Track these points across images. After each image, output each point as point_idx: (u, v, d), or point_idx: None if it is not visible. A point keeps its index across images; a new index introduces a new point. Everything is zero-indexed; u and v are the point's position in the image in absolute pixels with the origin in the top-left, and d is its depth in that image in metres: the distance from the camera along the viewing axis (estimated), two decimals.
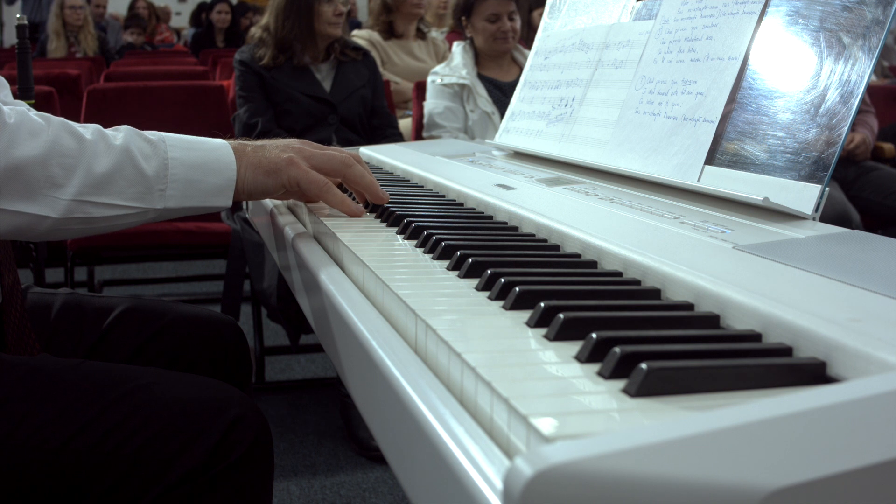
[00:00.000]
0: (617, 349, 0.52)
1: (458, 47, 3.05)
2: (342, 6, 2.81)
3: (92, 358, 1.16)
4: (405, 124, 3.32)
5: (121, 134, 0.91)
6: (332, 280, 0.79)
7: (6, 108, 0.86)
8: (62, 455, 0.91)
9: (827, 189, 0.83)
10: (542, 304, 0.63)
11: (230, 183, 0.94)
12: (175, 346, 1.19)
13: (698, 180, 0.96)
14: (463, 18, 3.02)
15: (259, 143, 1.00)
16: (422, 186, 1.30)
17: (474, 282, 0.74)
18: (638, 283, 0.73)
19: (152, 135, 0.93)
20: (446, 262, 0.81)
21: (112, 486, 0.92)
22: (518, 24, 3.01)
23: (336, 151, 1.02)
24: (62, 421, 0.92)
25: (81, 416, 0.92)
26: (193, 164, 0.93)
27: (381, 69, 3.28)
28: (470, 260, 0.77)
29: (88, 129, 0.90)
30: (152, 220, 0.93)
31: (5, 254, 1.10)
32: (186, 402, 0.96)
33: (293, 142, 1.01)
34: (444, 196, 1.20)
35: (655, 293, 0.71)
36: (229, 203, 0.95)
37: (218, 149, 0.95)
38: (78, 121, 0.91)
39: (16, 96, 1.17)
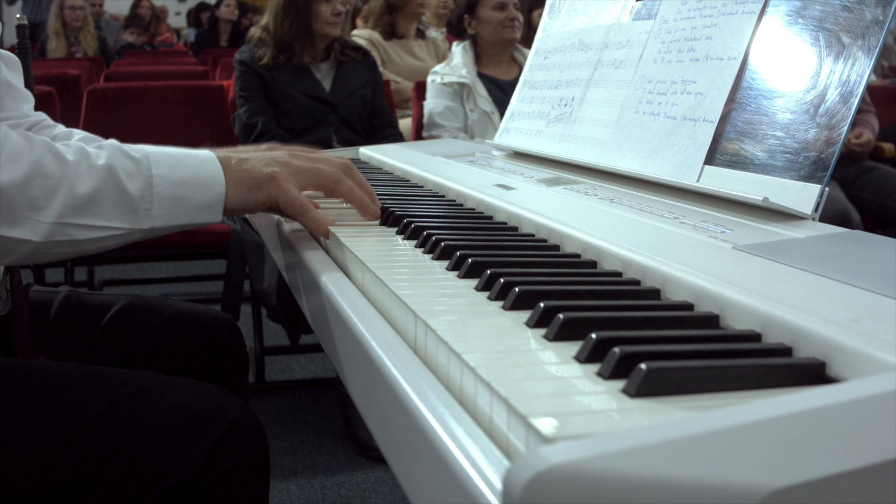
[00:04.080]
0: (616, 349, 0.52)
1: (457, 47, 3.06)
2: (340, 6, 2.81)
3: (91, 354, 1.16)
4: (405, 124, 3.32)
5: (104, 152, 0.88)
6: (331, 280, 0.79)
7: None
8: (56, 462, 0.90)
9: (827, 189, 0.83)
10: (542, 305, 0.62)
11: (219, 198, 0.90)
12: (172, 343, 1.19)
13: (698, 180, 0.96)
14: (466, 16, 3.02)
15: (244, 155, 0.95)
16: (421, 186, 1.30)
17: (474, 282, 0.74)
18: (638, 283, 0.73)
19: (136, 151, 0.89)
20: (446, 263, 0.81)
21: (105, 495, 0.90)
22: (520, 16, 3.02)
23: (326, 164, 0.97)
24: (56, 428, 0.91)
25: (75, 422, 0.91)
26: (179, 180, 0.89)
27: (381, 69, 3.28)
28: (469, 260, 0.77)
29: (71, 149, 0.86)
30: (139, 239, 0.90)
31: None
32: (181, 409, 0.94)
33: (279, 155, 0.96)
34: (443, 196, 1.19)
35: (655, 293, 0.71)
36: (219, 218, 0.91)
37: (205, 163, 0.91)
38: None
39: None
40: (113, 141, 0.93)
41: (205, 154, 0.93)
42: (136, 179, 0.87)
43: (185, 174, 0.90)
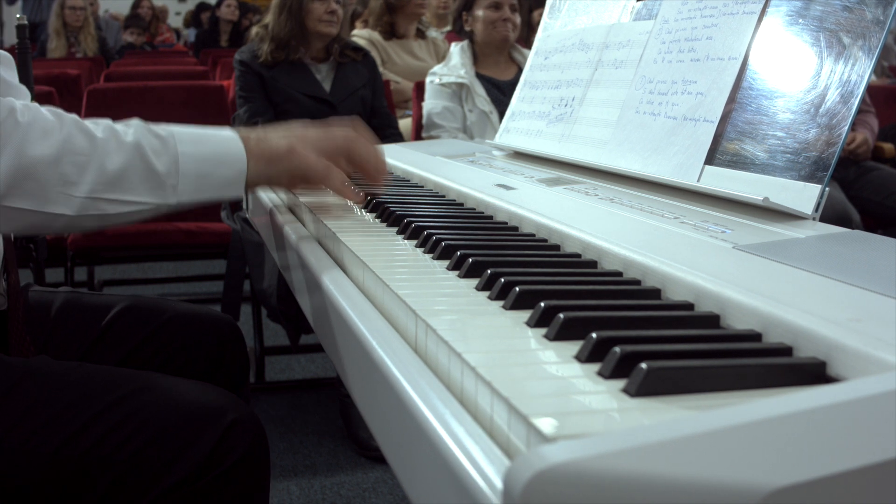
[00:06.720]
0: (617, 349, 0.52)
1: (455, 48, 3.06)
2: (335, 4, 2.81)
3: (91, 355, 1.16)
4: (405, 124, 3.31)
5: (131, 130, 0.91)
6: (332, 280, 0.79)
7: (19, 106, 0.86)
8: (58, 459, 0.91)
9: (827, 189, 0.83)
10: (542, 304, 0.63)
11: (241, 175, 0.94)
12: (173, 344, 1.20)
13: (698, 180, 0.96)
14: (464, 14, 3.02)
15: (262, 133, 1.00)
16: (422, 186, 1.30)
17: (474, 281, 0.74)
18: (638, 282, 0.73)
19: (162, 129, 0.93)
20: (446, 262, 0.81)
21: (107, 491, 0.91)
22: (518, 19, 3.02)
23: (337, 131, 1.02)
24: (59, 424, 0.92)
25: (78, 419, 0.92)
26: (204, 157, 0.93)
27: (381, 69, 3.28)
28: (470, 260, 0.77)
29: (99, 126, 0.90)
30: (165, 212, 0.94)
31: (10, 255, 1.10)
32: (183, 407, 0.95)
33: (294, 127, 1.00)
34: (444, 196, 1.19)
35: (655, 293, 0.71)
36: (241, 193, 0.96)
37: (227, 140, 0.95)
38: None
39: None
40: (138, 121, 0.96)
41: (227, 132, 0.97)
42: (162, 157, 0.91)
43: (209, 152, 0.93)
